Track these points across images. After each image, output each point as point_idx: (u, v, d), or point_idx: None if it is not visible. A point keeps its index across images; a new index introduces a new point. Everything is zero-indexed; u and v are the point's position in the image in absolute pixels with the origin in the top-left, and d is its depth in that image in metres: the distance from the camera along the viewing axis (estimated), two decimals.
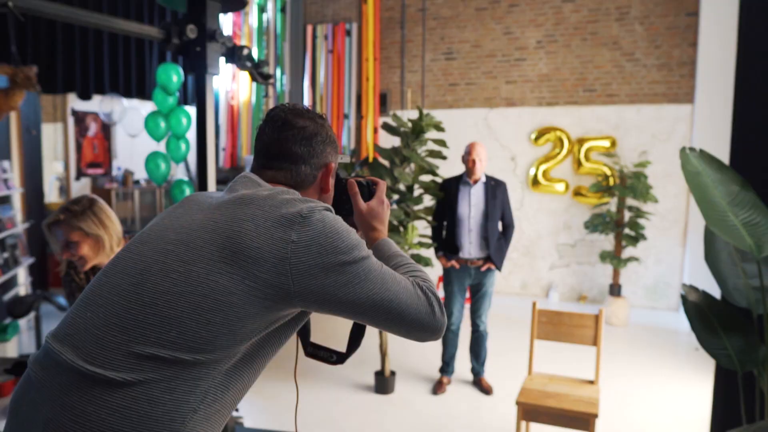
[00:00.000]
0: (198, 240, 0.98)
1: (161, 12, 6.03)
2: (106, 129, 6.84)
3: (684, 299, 2.12)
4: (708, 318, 2.05)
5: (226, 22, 6.75)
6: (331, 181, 1.20)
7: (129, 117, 5.60)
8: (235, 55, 2.85)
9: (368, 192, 1.23)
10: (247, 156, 7.29)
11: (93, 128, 6.74)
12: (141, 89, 6.07)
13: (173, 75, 4.60)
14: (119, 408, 0.89)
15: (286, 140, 1.13)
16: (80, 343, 0.94)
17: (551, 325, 2.96)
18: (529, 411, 2.70)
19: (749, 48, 2.16)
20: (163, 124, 4.66)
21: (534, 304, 2.98)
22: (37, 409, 0.93)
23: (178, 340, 0.92)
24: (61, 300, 4.36)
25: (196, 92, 2.71)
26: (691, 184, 1.92)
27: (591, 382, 2.89)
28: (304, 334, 1.25)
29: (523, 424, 2.92)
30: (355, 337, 1.20)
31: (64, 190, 7.98)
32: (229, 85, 7.28)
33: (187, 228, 1.01)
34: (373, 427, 3.38)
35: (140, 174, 7.04)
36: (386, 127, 3.85)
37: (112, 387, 0.90)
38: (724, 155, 2.31)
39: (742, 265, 2.04)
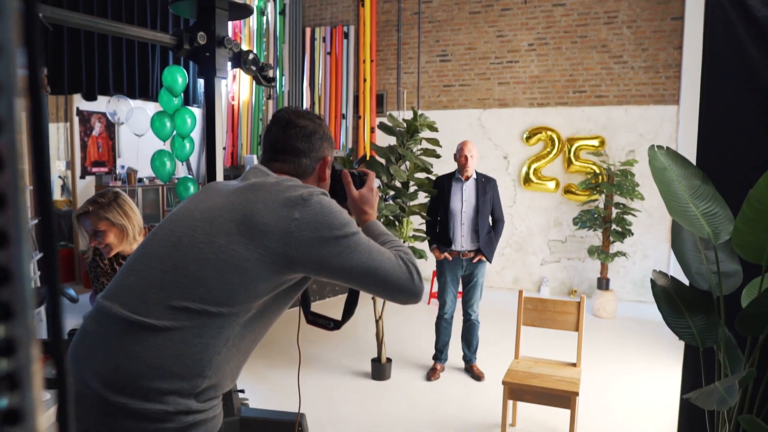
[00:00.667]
0: (219, 218, 1.20)
1: (163, 16, 6.23)
2: (110, 128, 7.02)
3: (653, 283, 2.33)
4: (674, 300, 2.26)
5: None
6: (328, 172, 1.41)
7: (135, 117, 5.80)
8: (241, 59, 3.04)
9: (360, 181, 1.44)
10: (247, 155, 7.48)
11: (98, 128, 6.92)
12: (144, 90, 6.27)
13: (178, 77, 4.80)
14: (161, 347, 1.11)
15: (289, 137, 1.35)
16: (126, 299, 1.16)
17: (536, 312, 3.17)
18: (515, 390, 2.91)
19: (713, 58, 2.37)
20: (168, 124, 4.86)
21: (520, 292, 3.19)
22: (94, 352, 1.15)
23: (206, 296, 1.14)
24: (72, 292, 4.55)
25: (205, 95, 2.91)
26: (658, 179, 2.13)
27: (573, 365, 3.10)
28: (306, 304, 1.47)
29: (510, 403, 3.13)
30: (349, 307, 1.42)
31: (66, 188, 8.16)
32: (230, 85, 7.47)
33: (210, 209, 1.24)
34: (370, 411, 3.59)
35: (143, 172, 7.22)
36: (382, 127, 4.05)
37: (155, 332, 1.12)
38: None
39: (705, 252, 2.24)
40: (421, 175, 4.16)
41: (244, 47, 6.92)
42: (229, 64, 3.07)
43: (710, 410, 2.14)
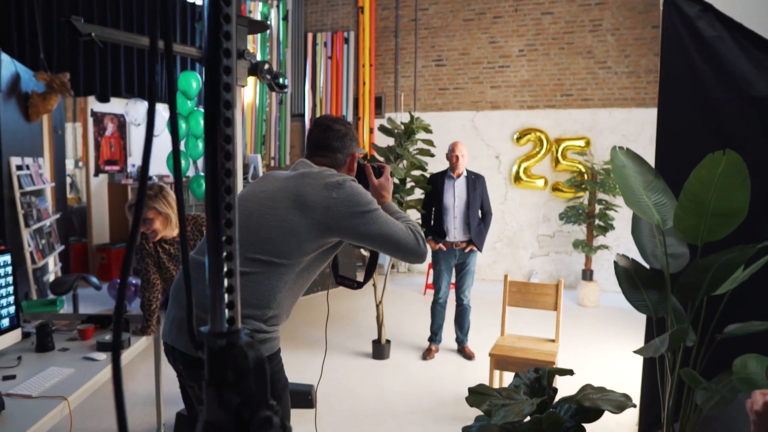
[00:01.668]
0: (279, 197, 1.64)
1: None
2: (122, 129, 7.39)
3: (616, 265, 2.72)
4: (633, 278, 2.65)
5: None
6: (355, 165, 1.82)
7: None
8: (257, 69, 3.43)
9: (378, 172, 1.85)
10: (251, 155, 7.84)
11: (110, 128, 7.28)
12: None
13: (192, 81, 5.17)
14: (241, 285, 1.52)
15: (327, 138, 1.79)
16: None
17: (520, 294, 3.56)
18: (500, 361, 3.30)
19: (668, 71, 2.77)
20: (183, 126, 5.23)
21: (506, 276, 3.58)
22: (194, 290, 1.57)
23: (272, 251, 1.57)
24: (95, 280, 4.93)
25: None
26: (617, 174, 2.52)
27: (552, 341, 3.49)
28: (335, 268, 1.87)
29: (497, 376, 3.52)
30: (369, 271, 1.82)
31: (74, 186, 8.52)
32: None
33: (271, 190, 1.68)
34: (371, 386, 3.97)
35: (154, 170, 7.59)
36: (382, 129, 4.44)
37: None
38: None
39: (659, 238, 2.64)
40: (417, 173, 4.55)
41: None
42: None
43: (661, 368, 2.53)
